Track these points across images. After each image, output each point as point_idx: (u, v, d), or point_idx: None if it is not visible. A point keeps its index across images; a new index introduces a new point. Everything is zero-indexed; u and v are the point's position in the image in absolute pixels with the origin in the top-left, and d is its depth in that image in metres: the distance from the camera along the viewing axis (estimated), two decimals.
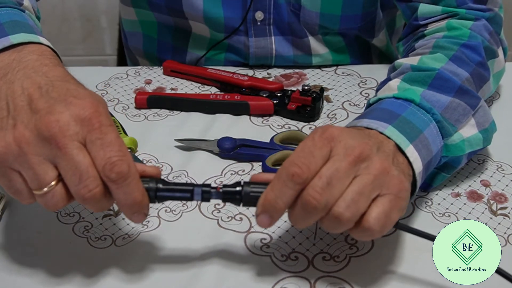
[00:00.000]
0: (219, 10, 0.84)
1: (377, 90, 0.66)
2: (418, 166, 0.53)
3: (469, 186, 0.64)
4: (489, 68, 0.68)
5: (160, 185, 0.49)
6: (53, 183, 0.46)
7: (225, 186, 0.50)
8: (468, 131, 0.60)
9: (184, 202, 0.62)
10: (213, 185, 0.50)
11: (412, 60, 0.65)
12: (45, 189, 0.46)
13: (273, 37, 0.87)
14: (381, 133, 0.52)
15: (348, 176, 0.47)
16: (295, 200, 0.47)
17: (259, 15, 0.85)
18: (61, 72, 0.51)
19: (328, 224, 0.47)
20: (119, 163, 0.45)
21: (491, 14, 0.74)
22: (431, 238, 0.50)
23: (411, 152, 0.52)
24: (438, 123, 0.57)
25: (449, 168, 0.61)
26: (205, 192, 0.50)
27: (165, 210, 0.61)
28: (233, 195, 0.49)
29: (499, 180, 0.65)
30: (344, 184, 0.46)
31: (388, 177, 0.48)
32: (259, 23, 0.85)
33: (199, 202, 0.62)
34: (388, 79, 0.65)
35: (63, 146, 0.45)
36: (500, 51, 0.73)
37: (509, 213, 0.60)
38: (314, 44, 0.88)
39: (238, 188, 0.49)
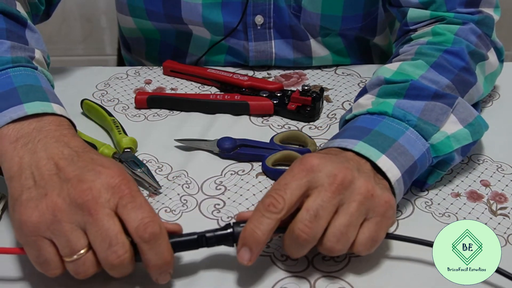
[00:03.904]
0: (218, 15, 0.84)
1: (355, 99, 0.66)
2: (394, 174, 0.54)
3: (469, 186, 0.64)
4: (475, 72, 0.68)
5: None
6: (83, 250, 0.47)
7: (216, 230, 0.51)
8: (451, 127, 0.60)
9: (184, 202, 0.62)
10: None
11: (392, 67, 0.66)
12: (75, 256, 0.47)
13: (273, 41, 0.87)
14: (352, 151, 0.54)
15: (334, 205, 0.49)
16: (287, 235, 0.50)
17: (259, 19, 0.84)
18: (81, 143, 0.53)
19: (323, 252, 0.51)
20: (151, 224, 0.47)
21: (480, 16, 0.73)
22: (429, 244, 0.51)
23: (383, 162, 0.54)
24: (416, 128, 0.58)
25: (442, 165, 0.61)
26: (208, 238, 0.51)
27: (165, 210, 0.61)
28: (225, 237, 0.51)
29: (499, 180, 0.65)
30: (330, 213, 0.49)
31: (372, 201, 0.50)
32: (259, 27, 0.85)
33: (199, 201, 0.62)
34: (364, 90, 0.66)
35: (95, 213, 0.47)
36: (491, 53, 0.72)
37: (509, 213, 0.61)
38: (315, 46, 0.87)
39: (229, 230, 0.51)
